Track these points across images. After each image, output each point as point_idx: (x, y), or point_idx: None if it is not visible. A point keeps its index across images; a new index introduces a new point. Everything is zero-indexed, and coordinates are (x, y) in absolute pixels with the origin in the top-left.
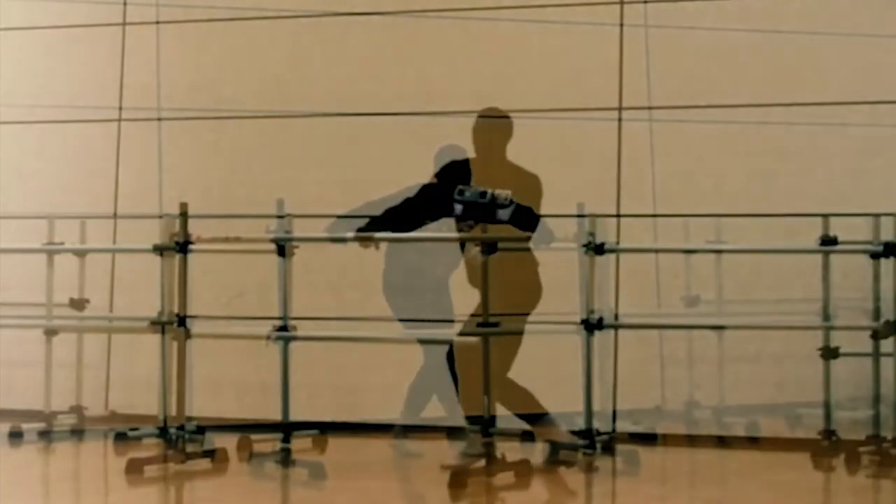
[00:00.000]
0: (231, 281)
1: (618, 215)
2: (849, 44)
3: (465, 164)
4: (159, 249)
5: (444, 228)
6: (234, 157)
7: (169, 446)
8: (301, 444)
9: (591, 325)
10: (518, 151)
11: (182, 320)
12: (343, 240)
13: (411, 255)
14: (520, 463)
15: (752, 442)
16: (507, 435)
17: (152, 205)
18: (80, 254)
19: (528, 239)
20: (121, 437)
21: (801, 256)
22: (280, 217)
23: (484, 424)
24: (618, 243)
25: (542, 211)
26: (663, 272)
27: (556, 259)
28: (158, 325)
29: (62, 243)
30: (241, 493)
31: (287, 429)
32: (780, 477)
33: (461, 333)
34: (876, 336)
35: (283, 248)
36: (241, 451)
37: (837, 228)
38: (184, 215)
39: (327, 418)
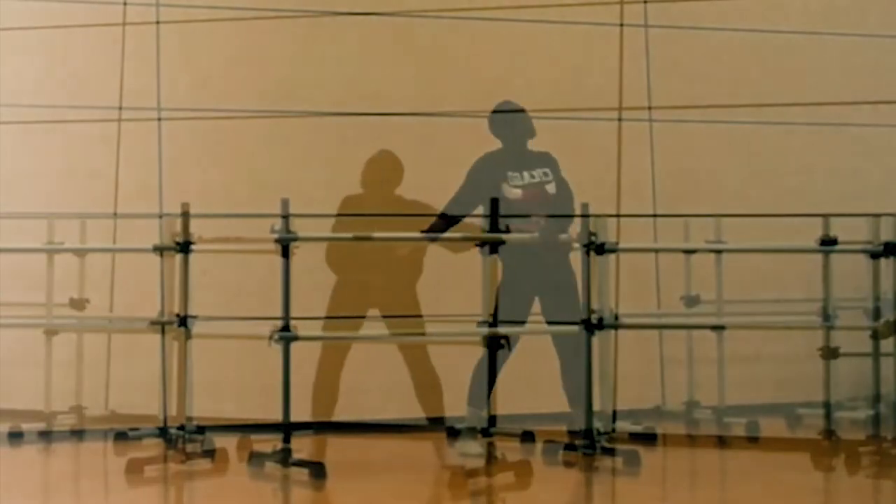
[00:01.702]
0: (231, 281)
1: (618, 215)
2: (849, 44)
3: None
4: (159, 249)
5: None
6: (234, 156)
7: (169, 446)
8: (301, 444)
9: (591, 325)
10: None
11: (183, 320)
12: (345, 239)
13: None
14: (520, 463)
15: (752, 442)
16: (507, 435)
17: (152, 205)
18: (80, 254)
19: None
20: (121, 436)
21: (801, 256)
22: (284, 217)
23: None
24: (618, 243)
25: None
26: (663, 272)
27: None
28: (158, 325)
29: (62, 243)
30: (241, 493)
31: (287, 429)
32: (780, 477)
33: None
34: (876, 336)
35: (286, 248)
36: (241, 451)
37: (837, 228)
38: (185, 215)
39: (328, 418)
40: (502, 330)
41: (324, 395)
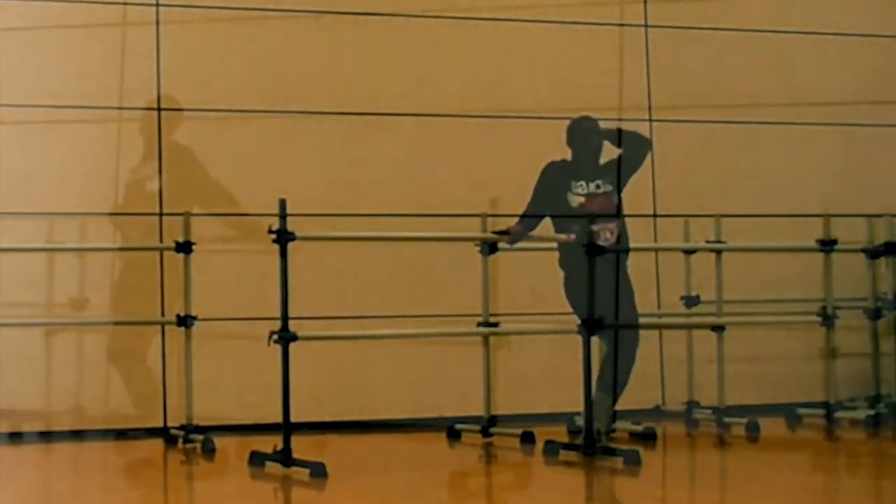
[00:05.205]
0: (231, 281)
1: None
2: (849, 44)
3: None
4: (159, 249)
5: None
6: (234, 156)
7: (169, 446)
8: (301, 443)
9: (592, 325)
10: (519, 152)
11: (183, 320)
12: (349, 238)
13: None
14: (519, 463)
15: (752, 442)
16: (507, 435)
17: (152, 205)
18: (80, 254)
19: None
20: (121, 436)
21: (801, 256)
22: (283, 216)
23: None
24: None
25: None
26: (663, 272)
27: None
28: (158, 325)
29: (62, 243)
30: (241, 493)
31: (287, 429)
32: (781, 477)
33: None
34: (876, 336)
35: (284, 248)
36: (242, 451)
37: (838, 228)
38: (185, 215)
39: (328, 418)
40: (502, 329)
41: None
